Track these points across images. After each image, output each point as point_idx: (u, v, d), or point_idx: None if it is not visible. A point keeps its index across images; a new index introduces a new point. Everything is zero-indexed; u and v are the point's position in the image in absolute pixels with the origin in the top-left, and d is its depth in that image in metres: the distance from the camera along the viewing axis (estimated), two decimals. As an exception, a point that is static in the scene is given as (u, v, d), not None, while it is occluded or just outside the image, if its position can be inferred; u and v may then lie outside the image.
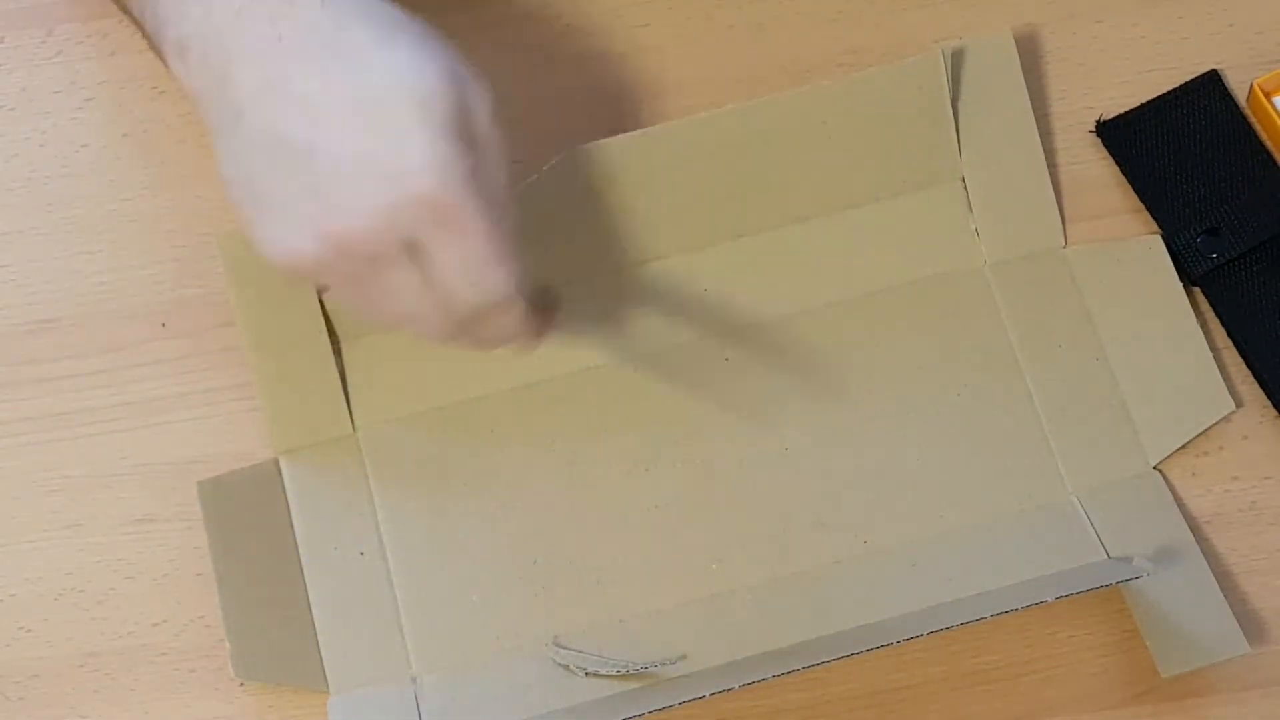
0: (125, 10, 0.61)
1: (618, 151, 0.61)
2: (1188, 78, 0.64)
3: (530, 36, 0.67)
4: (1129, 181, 0.64)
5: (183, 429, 0.62)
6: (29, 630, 0.59)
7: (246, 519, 0.60)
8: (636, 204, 0.61)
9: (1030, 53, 0.65)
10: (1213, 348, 0.61)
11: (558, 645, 0.58)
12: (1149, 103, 0.64)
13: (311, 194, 0.50)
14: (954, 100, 0.62)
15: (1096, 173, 0.64)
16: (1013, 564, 0.58)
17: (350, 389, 0.61)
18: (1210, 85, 0.64)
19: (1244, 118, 0.64)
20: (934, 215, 0.63)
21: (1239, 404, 0.61)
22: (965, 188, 0.63)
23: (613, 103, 0.65)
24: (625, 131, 0.63)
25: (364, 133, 0.49)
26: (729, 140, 0.61)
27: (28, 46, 0.66)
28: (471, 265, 0.51)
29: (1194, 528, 0.59)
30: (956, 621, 0.54)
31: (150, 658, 0.59)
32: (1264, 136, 0.64)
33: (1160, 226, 0.63)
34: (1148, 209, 0.63)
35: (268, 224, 0.52)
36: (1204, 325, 0.61)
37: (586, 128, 0.64)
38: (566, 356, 0.61)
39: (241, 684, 0.58)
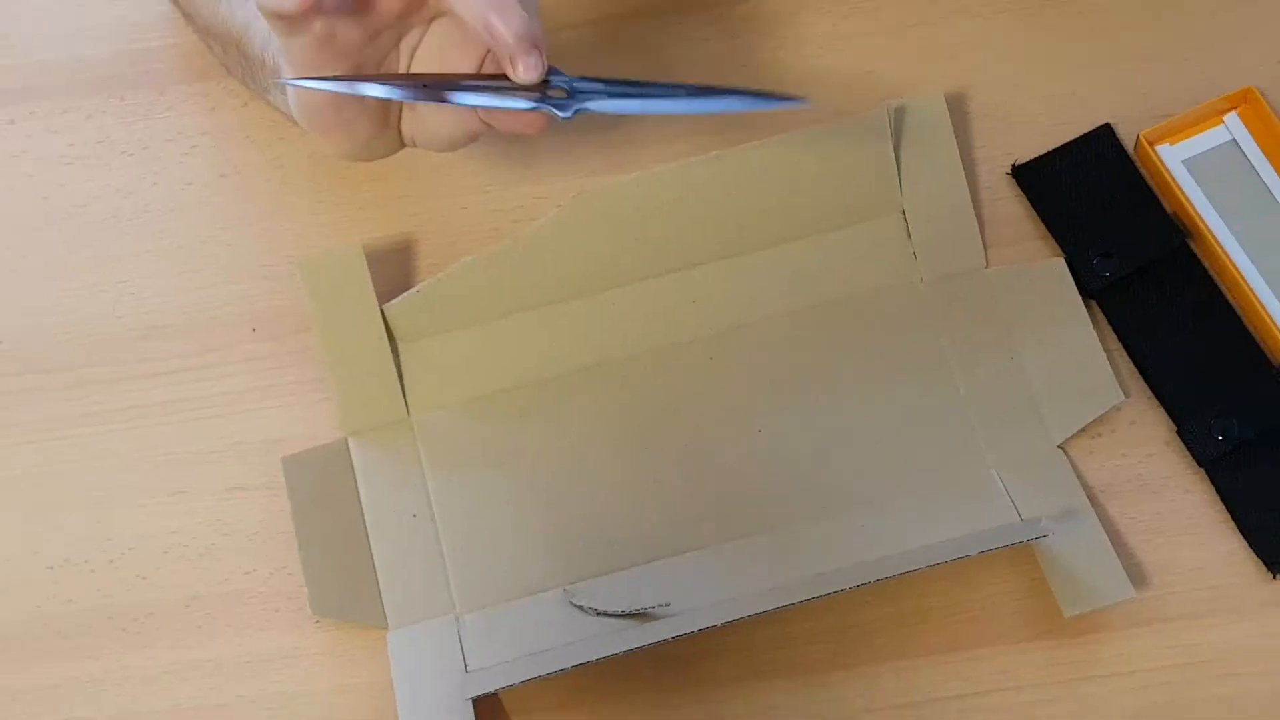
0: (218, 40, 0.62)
1: (619, 191, 0.60)
2: (1087, 129, 0.64)
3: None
4: (1038, 214, 0.63)
5: (269, 415, 0.62)
6: (145, 578, 0.60)
7: (321, 488, 0.59)
8: (636, 234, 0.61)
9: (958, 109, 0.65)
10: (1106, 349, 0.61)
11: (573, 590, 0.57)
12: (1055, 150, 0.64)
13: None
14: (896, 148, 0.62)
15: (1012, 207, 0.64)
16: (944, 525, 0.58)
17: (405, 383, 0.60)
18: (1105, 136, 0.64)
19: (1132, 162, 0.64)
20: (880, 240, 0.62)
21: (1127, 395, 0.60)
22: (905, 219, 0.62)
23: (601, 147, 0.65)
24: (622, 171, 0.62)
25: None
26: (713, 180, 0.61)
27: (144, 104, 0.67)
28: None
29: (1090, 496, 0.59)
30: (898, 571, 0.55)
31: (243, 600, 0.59)
32: (1148, 178, 0.64)
33: (1063, 251, 0.63)
34: (1053, 236, 0.63)
35: None
36: (1099, 331, 0.61)
37: (589, 169, 0.64)
38: (581, 355, 0.61)
39: (317, 621, 0.58)
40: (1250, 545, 0.58)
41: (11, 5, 0.68)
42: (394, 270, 0.63)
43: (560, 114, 0.51)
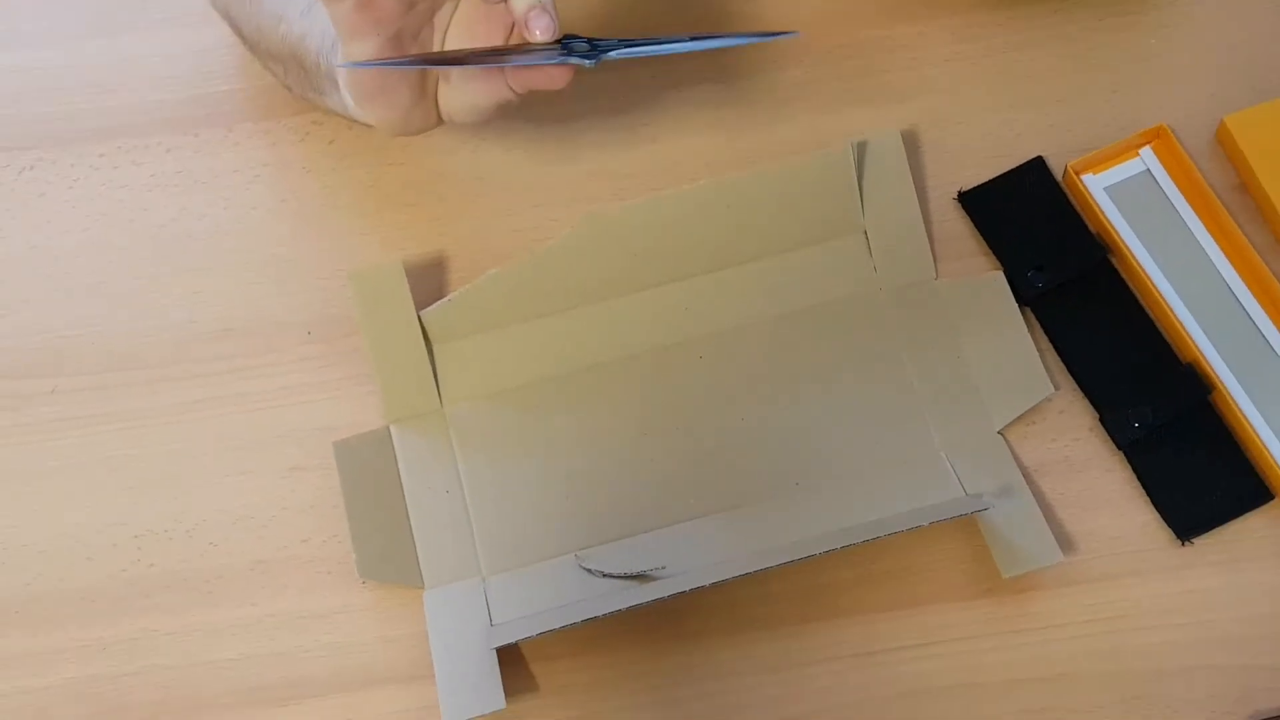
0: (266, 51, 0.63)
1: (622, 214, 0.62)
2: (1022, 161, 0.66)
3: (546, 117, 0.67)
4: (981, 234, 0.65)
5: (322, 406, 0.63)
6: (215, 545, 0.61)
7: (367, 468, 0.61)
8: (637, 250, 0.62)
9: (912, 144, 0.67)
10: (1038, 349, 0.62)
11: (583, 555, 0.59)
12: (995, 179, 0.66)
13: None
14: (859, 178, 0.63)
15: (958, 228, 0.66)
16: (900, 499, 0.59)
17: (439, 378, 0.62)
18: (1037, 166, 0.66)
19: (1061, 189, 0.66)
20: (845, 256, 0.63)
21: (1056, 388, 0.62)
22: (867, 237, 0.64)
23: (606, 179, 0.67)
24: (623, 198, 0.65)
25: None
26: (703, 204, 0.62)
27: (214, 140, 0.68)
28: None
29: (1026, 474, 0.61)
30: (861, 539, 0.56)
31: (300, 564, 0.61)
32: (1075, 202, 0.65)
33: (1002, 265, 0.64)
34: (994, 253, 0.65)
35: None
36: (1032, 334, 0.63)
37: (595, 196, 0.66)
38: (590, 354, 0.62)
39: (363, 582, 0.60)
40: (1162, 517, 0.61)
41: (104, 55, 0.70)
42: (429, 282, 0.65)
43: (586, 62, 0.53)
